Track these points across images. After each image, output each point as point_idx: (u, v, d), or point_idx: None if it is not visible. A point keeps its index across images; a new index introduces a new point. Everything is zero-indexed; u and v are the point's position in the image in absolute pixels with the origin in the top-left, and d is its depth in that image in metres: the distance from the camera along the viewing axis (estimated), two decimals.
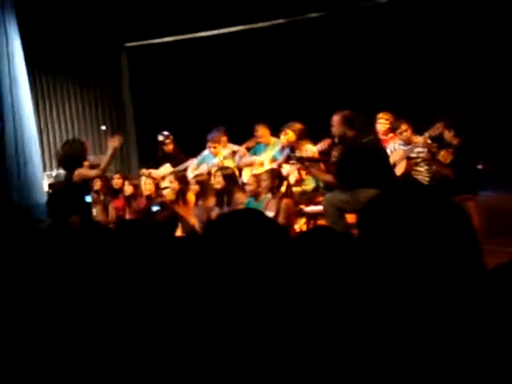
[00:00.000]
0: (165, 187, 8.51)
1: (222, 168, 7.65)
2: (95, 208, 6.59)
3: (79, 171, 6.52)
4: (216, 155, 8.72)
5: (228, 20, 10.78)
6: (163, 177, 8.93)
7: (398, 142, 7.41)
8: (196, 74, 11.16)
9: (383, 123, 7.79)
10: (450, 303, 1.62)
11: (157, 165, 9.25)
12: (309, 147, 7.64)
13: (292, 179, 7.61)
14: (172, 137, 9.37)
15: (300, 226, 7.33)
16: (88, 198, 6.73)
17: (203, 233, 2.61)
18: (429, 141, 7.15)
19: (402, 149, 7.28)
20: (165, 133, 9.38)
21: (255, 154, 8.82)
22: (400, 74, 9.77)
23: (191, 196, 7.74)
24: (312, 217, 7.41)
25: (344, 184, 6.18)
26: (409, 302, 1.68)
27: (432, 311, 1.63)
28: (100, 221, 6.48)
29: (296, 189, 7.56)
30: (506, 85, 8.89)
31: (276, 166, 7.76)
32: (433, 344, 1.57)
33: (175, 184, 7.73)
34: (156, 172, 9.04)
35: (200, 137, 9.09)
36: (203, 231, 2.64)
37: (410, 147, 7.23)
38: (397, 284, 1.70)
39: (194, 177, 7.88)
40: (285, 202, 6.59)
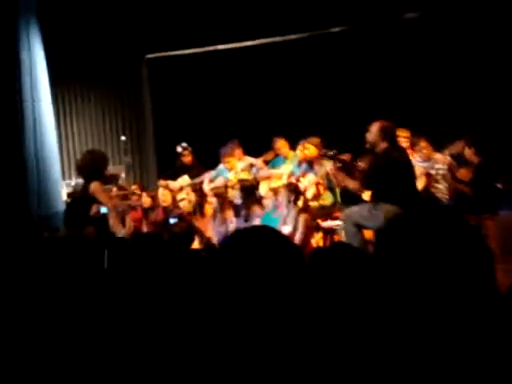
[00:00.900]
0: (182, 199, 8.50)
1: (241, 180, 7.63)
2: (111, 219, 6.57)
3: (94, 186, 6.46)
4: (231, 169, 8.67)
5: (248, 33, 10.79)
6: (181, 188, 8.92)
7: (417, 159, 7.36)
8: (215, 86, 11.16)
9: (404, 141, 7.71)
10: (464, 322, 1.63)
11: (175, 176, 9.24)
12: (328, 162, 7.58)
13: (309, 194, 7.57)
14: (191, 148, 9.37)
15: (317, 241, 7.29)
16: (103, 209, 6.73)
17: (219, 249, 2.59)
18: (449, 158, 7.09)
19: (421, 165, 7.23)
20: (183, 144, 9.38)
21: (273, 167, 8.79)
22: (421, 91, 9.70)
23: (208, 208, 7.72)
24: (329, 232, 7.36)
25: (369, 190, 6.16)
26: (423, 321, 1.69)
27: (446, 330, 1.64)
28: (116, 232, 6.46)
29: (313, 203, 7.51)
30: None
31: (294, 181, 7.72)
32: (446, 363, 1.57)
33: (192, 196, 7.72)
34: (173, 183, 9.02)
35: (218, 149, 9.07)
36: (219, 247, 2.62)
37: (430, 164, 7.18)
38: (411, 303, 1.71)
39: (211, 189, 7.86)
40: (302, 217, 6.56)
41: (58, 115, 11.20)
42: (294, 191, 6.81)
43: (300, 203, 6.82)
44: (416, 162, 7.31)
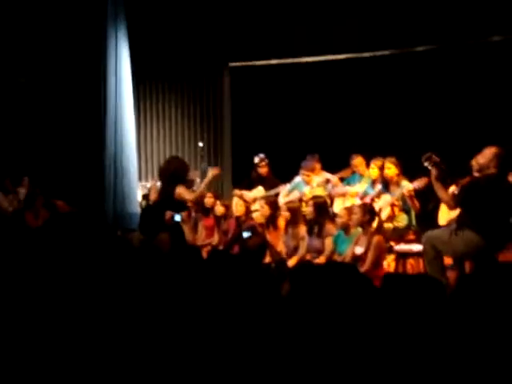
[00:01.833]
0: (255, 210, 8.50)
1: (315, 197, 7.58)
2: (184, 226, 6.64)
3: (180, 190, 6.58)
4: (309, 183, 8.66)
5: (333, 47, 10.75)
6: (254, 199, 8.93)
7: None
8: (296, 99, 11.15)
9: None
10: None
11: (250, 186, 9.27)
12: (405, 184, 7.46)
13: (384, 215, 7.47)
14: (267, 160, 9.38)
15: (388, 263, 7.18)
16: (177, 217, 6.80)
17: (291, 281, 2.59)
18: None
19: None
20: (261, 155, 9.39)
21: (349, 185, 8.72)
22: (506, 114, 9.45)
23: (281, 222, 7.69)
24: (401, 255, 7.24)
25: (459, 208, 6.02)
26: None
27: None
28: (189, 240, 6.50)
29: (388, 225, 7.41)
30: None
31: (369, 201, 7.63)
32: None
33: (266, 209, 7.70)
34: (248, 194, 9.05)
35: (294, 162, 9.06)
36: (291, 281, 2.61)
37: None
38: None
39: (286, 203, 7.84)
40: (376, 239, 6.45)
41: (139, 117, 11.40)
42: (369, 212, 6.71)
43: (374, 224, 6.72)
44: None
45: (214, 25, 10.99)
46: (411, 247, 7.10)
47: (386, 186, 7.73)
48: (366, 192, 8.14)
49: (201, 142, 11.30)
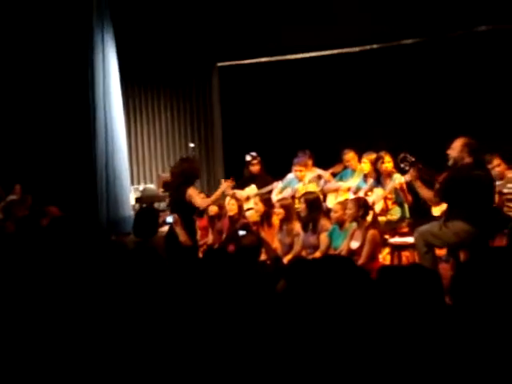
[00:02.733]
0: (248, 208, 8.50)
1: (306, 193, 7.58)
2: (177, 227, 6.63)
3: (191, 192, 6.58)
4: (301, 179, 8.69)
5: (320, 43, 10.76)
6: (247, 197, 8.94)
7: None
8: (286, 96, 11.16)
9: None
10: None
11: (242, 185, 9.26)
12: (397, 176, 7.49)
13: (378, 208, 7.49)
14: (259, 158, 9.37)
15: (383, 256, 7.20)
16: (169, 219, 6.80)
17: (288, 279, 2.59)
18: None
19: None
20: (252, 153, 9.38)
21: (341, 180, 8.74)
22: (495, 106, 9.47)
23: (275, 219, 7.70)
24: (396, 248, 7.26)
25: (442, 203, 6.13)
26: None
27: None
28: (184, 241, 6.50)
29: (381, 218, 7.43)
30: None
31: (362, 195, 7.65)
32: None
33: (260, 206, 7.71)
34: (241, 192, 9.04)
35: (286, 159, 9.07)
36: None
37: (503, 182, 7.01)
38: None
39: (278, 200, 7.84)
40: (371, 233, 6.47)
41: (129, 120, 11.38)
42: (363, 206, 6.71)
43: (369, 218, 6.73)
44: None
45: (201, 25, 10.97)
46: (406, 240, 7.11)
47: (379, 180, 7.75)
48: (359, 186, 8.17)
49: (192, 143, 11.29)
